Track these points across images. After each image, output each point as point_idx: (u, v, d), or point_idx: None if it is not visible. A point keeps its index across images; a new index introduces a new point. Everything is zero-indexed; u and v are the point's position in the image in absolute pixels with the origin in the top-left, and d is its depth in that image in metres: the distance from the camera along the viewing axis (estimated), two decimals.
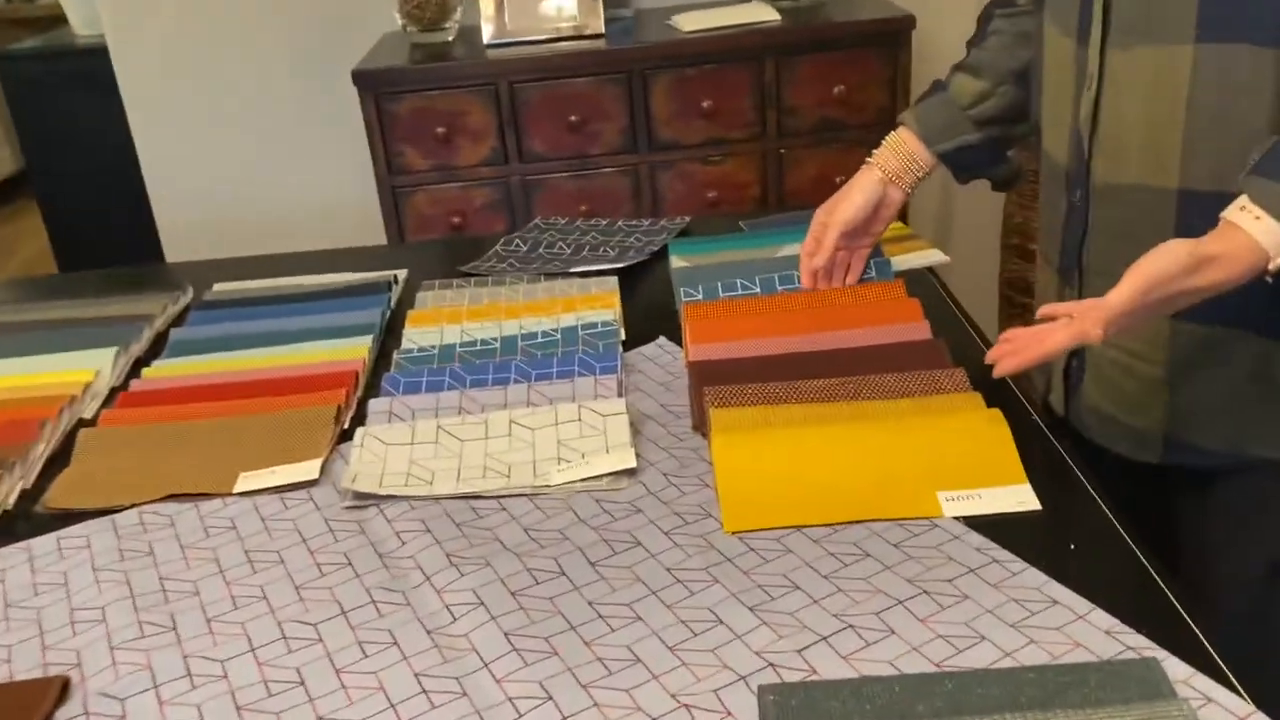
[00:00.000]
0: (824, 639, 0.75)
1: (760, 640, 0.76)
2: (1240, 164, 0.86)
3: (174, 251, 2.64)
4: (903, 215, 1.97)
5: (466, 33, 2.29)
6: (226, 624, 0.83)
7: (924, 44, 2.20)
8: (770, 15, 2.16)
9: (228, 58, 2.48)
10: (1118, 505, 0.87)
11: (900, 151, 1.19)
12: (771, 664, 0.74)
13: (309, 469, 1.01)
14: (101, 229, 3.23)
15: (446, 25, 2.27)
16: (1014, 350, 0.89)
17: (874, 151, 1.21)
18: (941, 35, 2.39)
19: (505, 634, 0.79)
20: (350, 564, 0.89)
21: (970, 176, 1.24)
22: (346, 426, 1.09)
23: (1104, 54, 0.94)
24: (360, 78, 2.09)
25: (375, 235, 2.29)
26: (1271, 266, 0.82)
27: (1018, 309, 2.52)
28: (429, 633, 0.80)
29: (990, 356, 0.92)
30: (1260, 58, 0.84)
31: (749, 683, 0.72)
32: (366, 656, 0.78)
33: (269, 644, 0.81)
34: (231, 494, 0.99)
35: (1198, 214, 0.87)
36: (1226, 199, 0.85)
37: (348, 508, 0.96)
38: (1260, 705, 0.66)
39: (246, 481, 1.00)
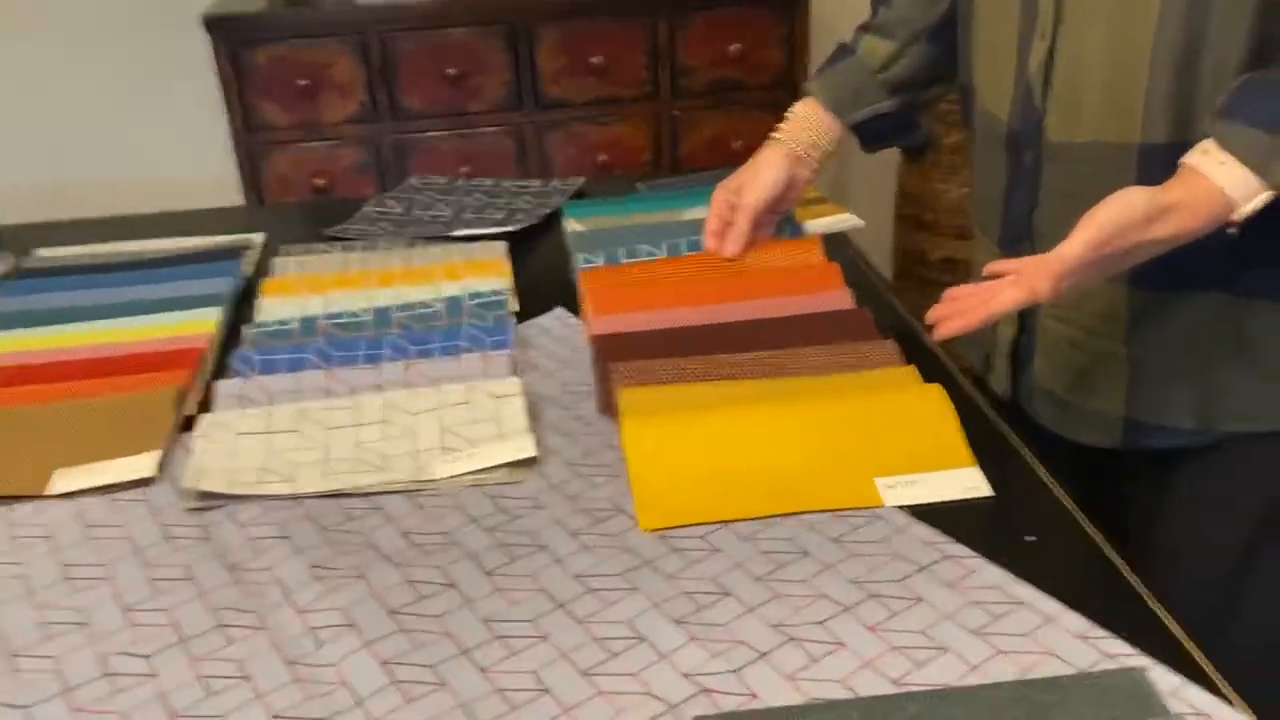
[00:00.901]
0: (763, 656, 0.64)
1: (690, 660, 0.65)
2: (1203, 111, 0.78)
3: (4, 217, 2.36)
4: None
5: None
6: (34, 659, 0.67)
7: (821, 3, 2.12)
8: None
9: (64, 4, 2.22)
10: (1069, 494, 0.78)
11: (808, 124, 1.06)
12: (705, 689, 0.62)
13: (143, 464, 0.85)
14: None
15: None
16: (960, 310, 0.80)
17: (778, 125, 1.07)
18: None
19: (382, 663, 0.65)
20: (193, 580, 0.74)
21: (880, 146, 1.13)
22: (191, 413, 0.93)
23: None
24: (213, 24, 1.88)
25: (231, 199, 2.09)
26: (1236, 215, 0.75)
27: (913, 282, 2.48)
28: (288, 664, 0.66)
29: (931, 315, 0.82)
30: None
31: (680, 713, 0.61)
32: (211, 695, 0.64)
33: (87, 683, 0.65)
34: (46, 495, 0.83)
35: (1159, 168, 0.79)
36: (1181, 150, 0.78)
37: (191, 510, 0.81)
38: (1254, 708, 0.59)
39: (64, 480, 0.84)
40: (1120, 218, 0.74)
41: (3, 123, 2.28)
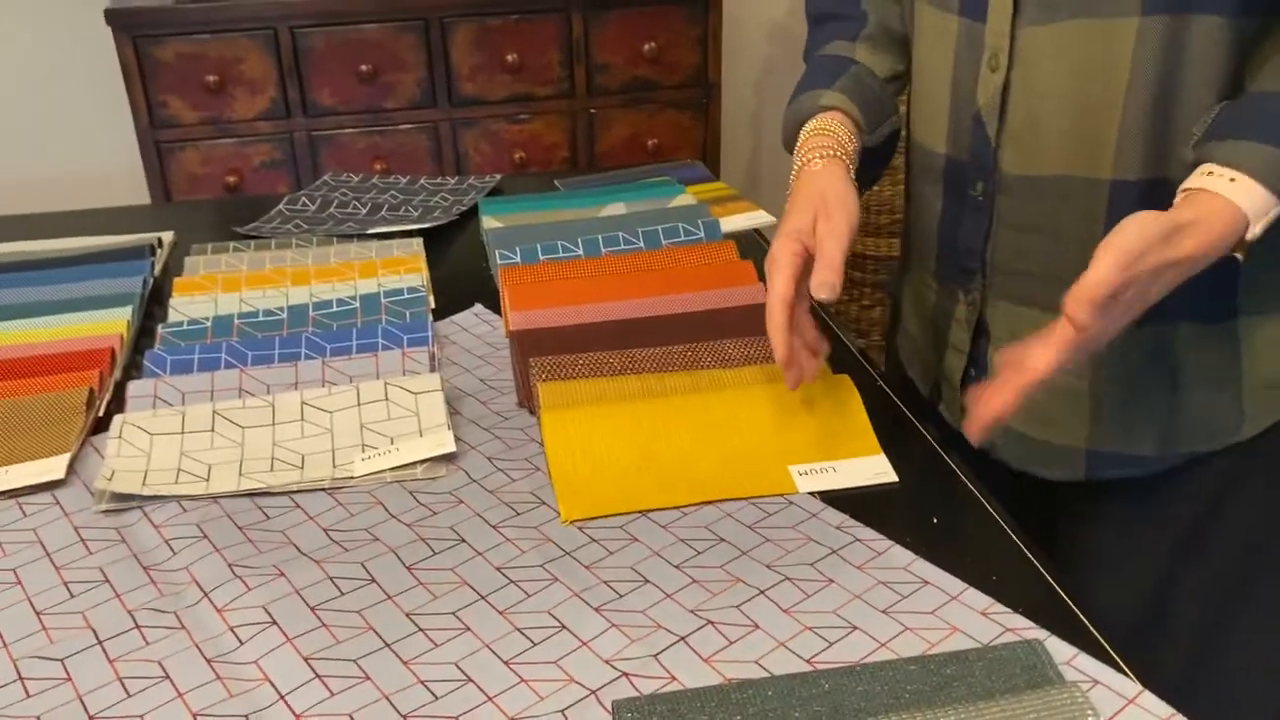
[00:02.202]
0: (682, 639, 0.66)
1: (610, 646, 0.66)
2: (1177, 146, 0.78)
3: None
4: (716, 173, 1.92)
5: None
6: None
7: (734, 4, 2.15)
8: None
9: None
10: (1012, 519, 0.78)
11: (840, 139, 0.89)
12: (625, 673, 0.64)
13: (52, 467, 0.83)
14: None
15: None
16: (991, 392, 0.72)
17: (807, 143, 0.90)
18: None
19: (305, 659, 0.66)
20: (108, 581, 0.73)
21: (871, 181, 1.00)
22: (102, 414, 0.92)
23: (1015, 31, 0.82)
24: (115, 16, 1.83)
25: (137, 198, 2.04)
26: (1249, 235, 0.72)
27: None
28: (209, 662, 0.66)
29: (968, 427, 0.74)
30: (1213, 28, 0.75)
31: (600, 698, 0.62)
32: (130, 696, 0.64)
33: (0, 687, 0.64)
34: None
35: (1132, 204, 0.76)
36: (1160, 186, 0.77)
37: (104, 512, 0.80)
38: (1145, 682, 0.62)
39: None
40: (1138, 239, 0.69)
41: None
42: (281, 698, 0.63)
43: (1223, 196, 0.71)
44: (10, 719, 0.62)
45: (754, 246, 1.21)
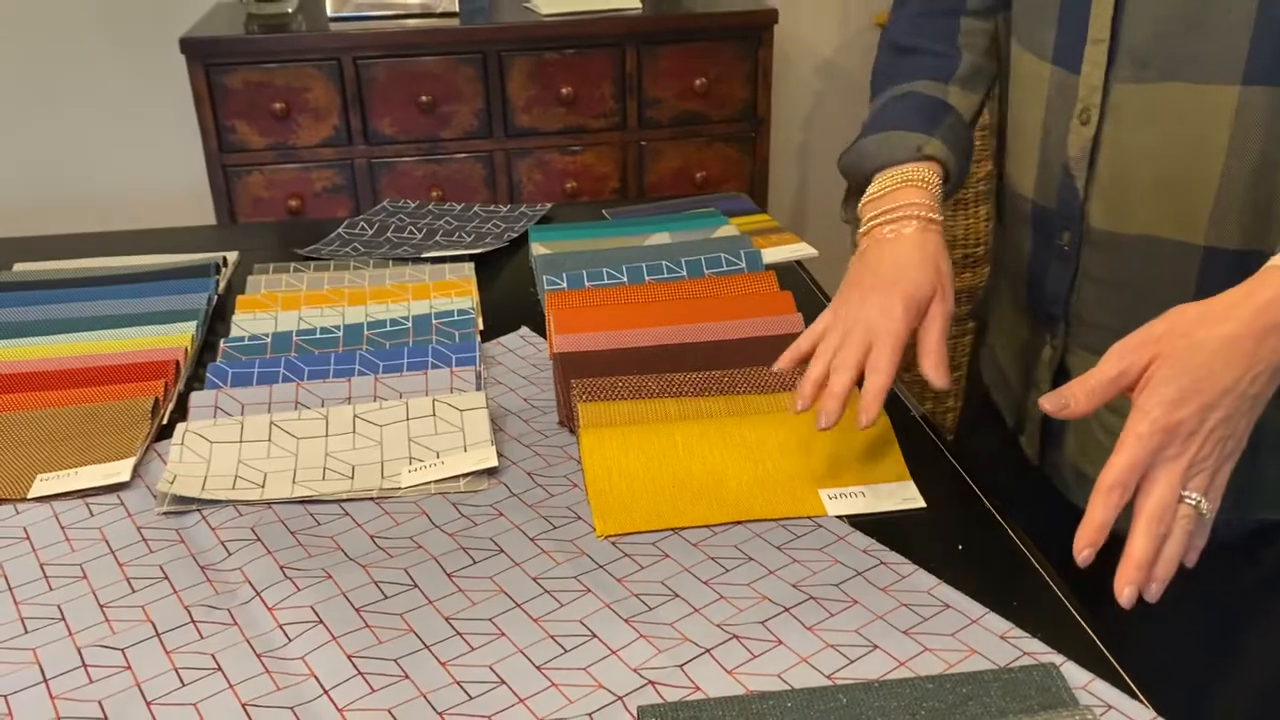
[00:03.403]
0: (707, 651, 0.69)
1: (638, 655, 0.69)
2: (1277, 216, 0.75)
3: None
4: (762, 205, 1.96)
5: (308, 5, 2.14)
6: (13, 650, 0.71)
7: (785, 40, 2.19)
8: (631, 2, 2.10)
9: (44, 23, 2.25)
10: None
11: (935, 196, 0.87)
12: (651, 681, 0.67)
13: (119, 470, 0.88)
14: None
15: None
16: (1085, 524, 0.65)
17: (901, 193, 0.86)
18: (801, 31, 2.39)
19: (348, 656, 0.69)
20: (167, 578, 0.77)
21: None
22: (165, 422, 0.97)
23: (1108, 85, 0.80)
24: (189, 46, 1.92)
25: (204, 218, 2.12)
26: None
27: None
28: (259, 656, 0.70)
29: (1079, 555, 0.65)
30: None
31: (627, 703, 0.65)
32: (184, 686, 0.68)
33: (66, 673, 0.69)
34: (26, 499, 0.86)
35: (1225, 272, 0.74)
36: (1258, 257, 0.71)
37: (164, 514, 0.84)
38: (1160, 710, 0.64)
39: (44, 485, 0.87)
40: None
41: None
42: (325, 692, 0.66)
43: None
44: (74, 702, 0.67)
45: (794, 277, 1.24)
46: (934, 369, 0.81)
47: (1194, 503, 0.65)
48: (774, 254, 1.29)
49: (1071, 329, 0.90)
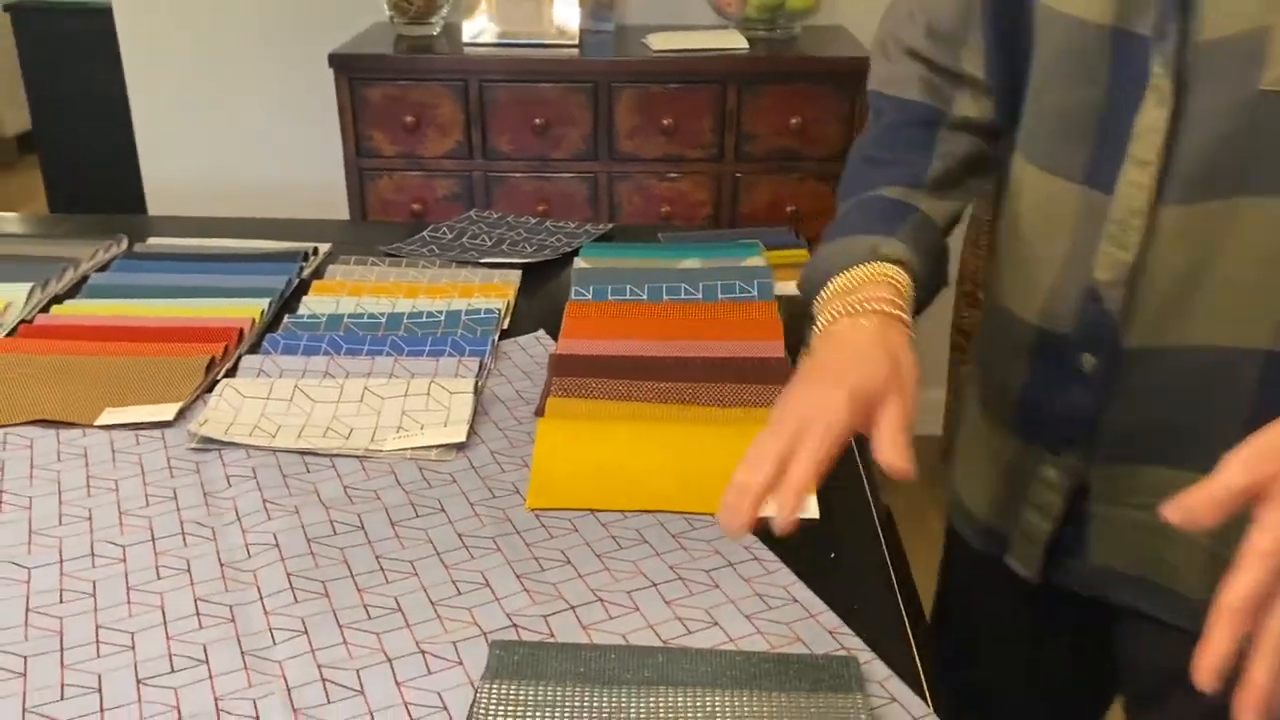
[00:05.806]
0: (572, 609, 0.81)
1: (515, 604, 0.81)
2: None
3: (156, 211, 2.73)
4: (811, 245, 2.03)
5: (451, 29, 2.36)
6: (44, 537, 0.89)
7: None
8: (739, 43, 2.22)
9: (227, 32, 2.57)
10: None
11: (903, 293, 0.79)
12: (516, 624, 0.79)
13: (166, 411, 1.07)
14: (97, 194, 3.32)
15: (432, 20, 2.35)
16: (1206, 648, 0.56)
17: (864, 290, 0.78)
18: None
19: (289, 574, 0.85)
20: (175, 498, 0.95)
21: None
22: (219, 378, 1.15)
23: (1155, 209, 0.75)
24: (337, 60, 2.16)
25: (341, 214, 2.37)
26: None
27: (967, 355, 2.56)
28: (222, 565, 0.86)
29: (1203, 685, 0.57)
30: None
31: (488, 638, 0.78)
32: (159, 579, 0.84)
33: (76, 558, 0.87)
34: (92, 426, 1.06)
35: None
36: None
37: (191, 449, 1.02)
38: (939, 710, 0.71)
39: (109, 416, 1.07)
40: None
41: (168, 130, 2.65)
42: (260, 599, 0.82)
43: None
44: (71, 578, 0.84)
45: (801, 308, 1.33)
46: (888, 452, 0.68)
47: None
48: (788, 286, 1.38)
49: (1095, 448, 0.85)
